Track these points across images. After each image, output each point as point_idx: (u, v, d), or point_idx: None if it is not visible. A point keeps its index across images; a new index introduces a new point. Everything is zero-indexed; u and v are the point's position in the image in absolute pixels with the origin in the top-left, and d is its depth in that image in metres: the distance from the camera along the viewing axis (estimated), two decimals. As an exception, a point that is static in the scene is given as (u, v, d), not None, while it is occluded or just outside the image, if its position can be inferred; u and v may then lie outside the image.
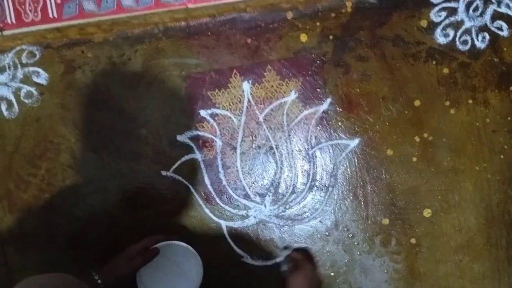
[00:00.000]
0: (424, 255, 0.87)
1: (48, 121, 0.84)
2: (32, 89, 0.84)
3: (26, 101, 0.84)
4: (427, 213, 0.86)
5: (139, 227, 0.86)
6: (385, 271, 0.87)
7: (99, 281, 0.71)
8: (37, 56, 0.83)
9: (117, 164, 0.85)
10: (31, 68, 0.84)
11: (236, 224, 0.87)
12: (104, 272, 0.73)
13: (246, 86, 0.84)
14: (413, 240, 0.86)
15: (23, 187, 0.85)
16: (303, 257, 0.83)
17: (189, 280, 0.79)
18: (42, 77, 0.84)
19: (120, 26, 0.83)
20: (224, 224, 0.87)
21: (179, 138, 0.85)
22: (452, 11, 0.83)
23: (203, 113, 0.85)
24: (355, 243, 0.87)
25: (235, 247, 0.87)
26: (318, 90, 0.84)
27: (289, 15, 0.83)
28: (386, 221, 0.86)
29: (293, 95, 0.84)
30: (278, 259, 0.88)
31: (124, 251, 0.77)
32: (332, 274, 0.88)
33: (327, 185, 0.86)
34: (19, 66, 0.84)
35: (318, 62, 0.84)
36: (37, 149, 0.84)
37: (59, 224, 0.85)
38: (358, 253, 0.87)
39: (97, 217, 0.85)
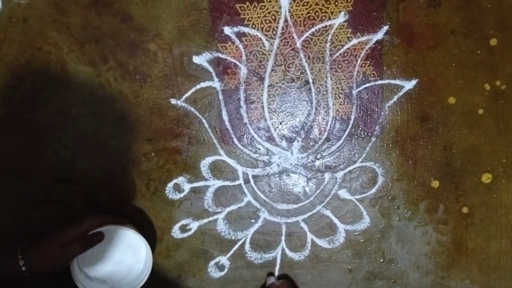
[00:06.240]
0: (475, 227, 0.73)
1: (38, 23, 0.68)
2: (19, -19, 0.67)
3: (10, -5, 0.68)
4: (486, 178, 0.71)
5: (137, 163, 0.71)
6: (427, 242, 0.73)
7: (23, 268, 0.57)
8: None
9: (117, 84, 0.69)
10: (18, -47, 0.67)
11: (255, 171, 0.72)
12: (31, 256, 0.58)
13: (285, 0, 0.68)
14: (465, 209, 0.72)
15: (1, 102, 0.69)
16: (283, 285, 0.71)
17: (134, 274, 0.69)
18: (31, -34, 0.67)
19: None
20: (241, 170, 0.72)
21: (196, 60, 0.69)
22: None
23: (227, 30, 0.68)
24: (395, 206, 0.73)
25: (252, 200, 0.73)
26: (374, 14, 0.68)
27: None
28: (436, 184, 0.72)
29: (341, 18, 0.68)
30: (300, 217, 0.74)
31: (55, 234, 0.61)
32: (362, 240, 0.74)
33: (370, 134, 0.71)
34: (3, -51, 0.67)
35: (378, -23, 0.67)
36: (22, 57, 0.68)
37: (43, 151, 0.70)
38: (398, 218, 0.73)
39: (88, 146, 0.70)
